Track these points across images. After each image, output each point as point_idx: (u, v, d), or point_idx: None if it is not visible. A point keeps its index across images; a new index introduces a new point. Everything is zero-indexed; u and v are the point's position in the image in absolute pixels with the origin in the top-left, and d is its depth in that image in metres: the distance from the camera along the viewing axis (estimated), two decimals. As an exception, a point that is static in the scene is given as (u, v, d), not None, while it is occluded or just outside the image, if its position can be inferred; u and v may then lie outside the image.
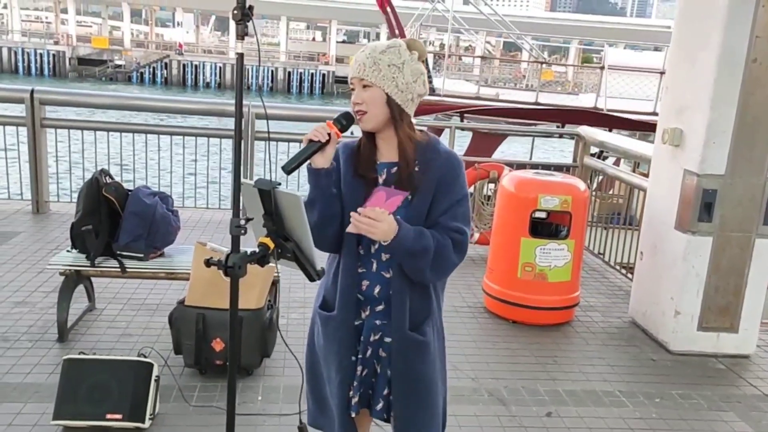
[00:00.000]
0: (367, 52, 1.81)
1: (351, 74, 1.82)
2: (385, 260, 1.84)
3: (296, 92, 47.34)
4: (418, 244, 1.73)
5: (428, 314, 1.90)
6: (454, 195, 1.82)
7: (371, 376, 1.93)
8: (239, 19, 1.49)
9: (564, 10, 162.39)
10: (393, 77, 1.78)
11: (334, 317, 1.89)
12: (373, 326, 1.89)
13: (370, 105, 1.78)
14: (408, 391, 1.89)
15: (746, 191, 3.80)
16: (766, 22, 3.57)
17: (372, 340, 1.90)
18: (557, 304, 4.27)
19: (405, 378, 1.88)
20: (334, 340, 1.91)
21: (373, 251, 1.84)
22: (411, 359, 1.88)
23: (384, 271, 1.85)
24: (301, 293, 4.39)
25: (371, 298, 1.87)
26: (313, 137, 1.73)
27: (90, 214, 3.56)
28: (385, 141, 1.85)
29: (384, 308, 1.87)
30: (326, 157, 1.76)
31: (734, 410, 3.38)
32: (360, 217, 1.68)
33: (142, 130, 6.15)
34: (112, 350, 3.52)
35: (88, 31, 59.09)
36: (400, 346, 1.86)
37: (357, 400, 1.92)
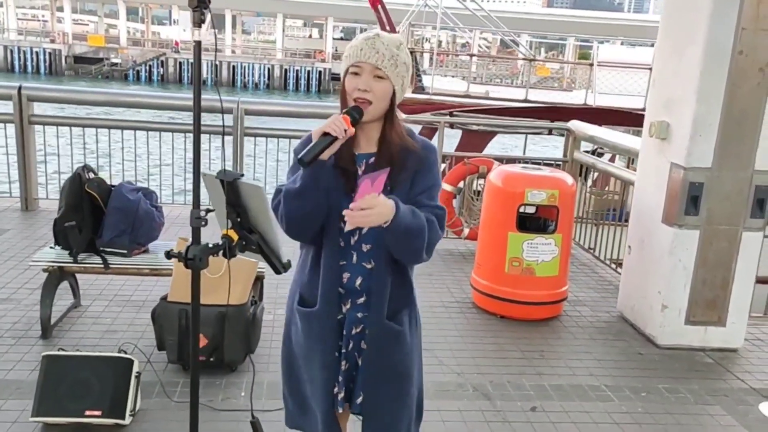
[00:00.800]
0: (384, 42, 1.76)
1: (364, 58, 1.74)
2: (366, 251, 1.82)
3: (293, 90, 47.28)
4: (416, 220, 1.73)
5: (406, 304, 1.90)
6: (431, 179, 1.84)
7: (353, 369, 1.91)
8: (195, 5, 1.47)
9: (561, 7, 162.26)
10: (402, 76, 1.79)
11: (317, 312, 1.86)
12: (355, 319, 1.87)
13: (377, 96, 1.76)
14: (380, 380, 1.88)
15: (733, 184, 3.78)
16: (752, 14, 3.55)
17: (354, 333, 1.88)
18: (545, 299, 4.26)
19: (378, 367, 1.87)
20: (317, 336, 1.87)
21: (353, 243, 1.82)
22: (386, 348, 1.86)
23: (365, 262, 1.83)
24: (287, 290, 4.35)
25: (352, 291, 1.85)
26: (330, 131, 1.68)
27: (73, 210, 3.53)
28: (365, 132, 1.82)
29: (365, 300, 1.85)
30: (332, 151, 1.72)
31: (721, 404, 3.37)
32: (353, 213, 1.65)
33: (131, 126, 6.11)
34: (96, 347, 3.50)
35: (85, 30, 58.91)
36: (377, 335, 1.85)
37: (342, 395, 1.90)
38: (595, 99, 10.32)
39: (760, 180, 3.79)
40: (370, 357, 1.86)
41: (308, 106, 7.63)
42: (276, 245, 1.61)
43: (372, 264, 1.82)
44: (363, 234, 1.81)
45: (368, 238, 1.81)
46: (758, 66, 3.63)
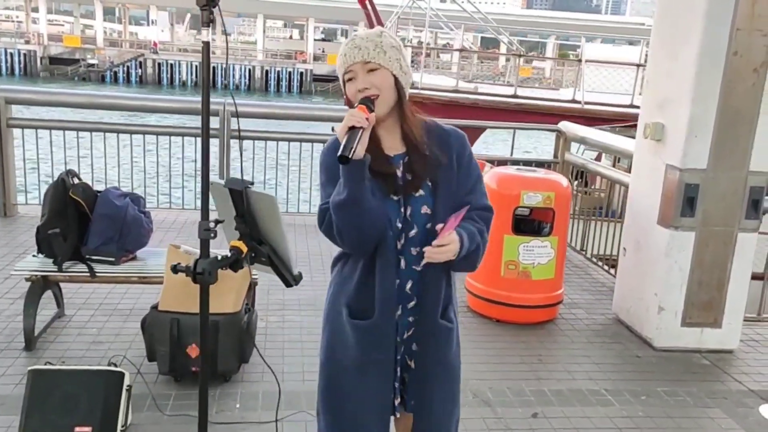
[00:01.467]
0: (362, 36, 1.74)
1: (350, 60, 1.72)
2: (415, 254, 1.79)
3: (274, 91, 46.99)
4: (473, 243, 1.74)
5: (450, 300, 1.89)
6: (474, 171, 1.82)
7: (404, 371, 1.89)
8: (204, 4, 1.38)
9: (540, 8, 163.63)
10: (397, 58, 1.74)
11: (376, 323, 1.79)
12: (407, 324, 1.85)
13: (380, 87, 1.71)
14: (434, 379, 1.86)
15: (728, 185, 3.77)
16: (747, 15, 3.55)
17: (405, 337, 1.86)
18: (541, 302, 4.22)
19: (433, 366, 1.86)
20: (376, 347, 1.82)
21: (400, 247, 1.79)
22: (440, 347, 1.86)
23: (415, 265, 1.80)
24: (280, 295, 4.28)
25: (404, 296, 1.83)
26: (354, 123, 1.62)
27: (57, 217, 3.41)
28: (387, 131, 1.78)
29: (416, 303, 1.83)
30: (363, 145, 1.64)
31: (720, 406, 3.35)
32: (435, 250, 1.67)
33: (113, 129, 5.98)
34: (82, 358, 3.38)
35: (60, 30, 58.02)
36: (431, 336, 1.84)
37: (399, 401, 1.89)
38: (583, 96, 10.33)
39: (755, 181, 3.78)
40: (424, 358, 1.84)
41: (296, 107, 7.54)
42: (287, 257, 1.53)
43: (421, 267, 1.79)
44: (410, 237, 1.77)
45: (416, 242, 1.77)
46: (753, 66, 3.62)
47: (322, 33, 66.55)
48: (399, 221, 1.76)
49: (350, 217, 1.65)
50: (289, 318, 4.06)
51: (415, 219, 1.75)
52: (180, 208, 6.38)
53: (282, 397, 3.08)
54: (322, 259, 5.07)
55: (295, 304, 4.21)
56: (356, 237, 1.69)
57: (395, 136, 1.78)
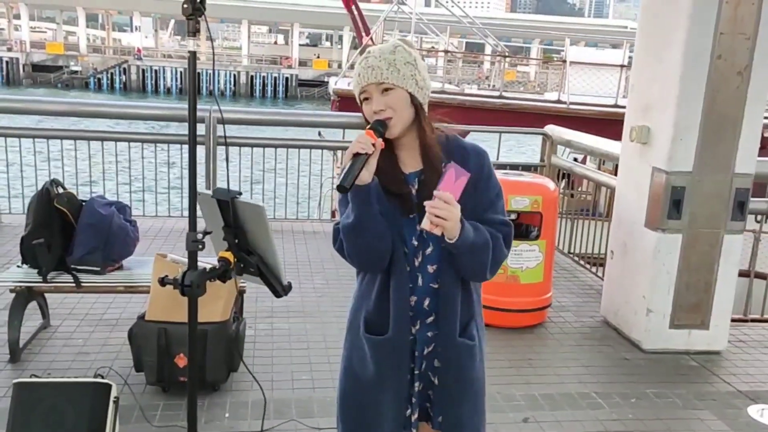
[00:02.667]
0: (376, 55, 1.70)
1: (365, 81, 1.69)
2: (432, 272, 1.77)
3: (259, 96, 46.89)
4: (480, 237, 1.68)
5: (473, 315, 1.85)
6: (493, 189, 1.77)
7: (428, 388, 1.87)
8: (190, 13, 1.36)
9: (524, 12, 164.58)
10: (412, 75, 1.70)
11: (390, 339, 1.79)
12: (426, 339, 1.82)
13: (396, 108, 1.68)
14: (459, 398, 1.84)
15: (714, 187, 3.80)
16: (730, 18, 3.58)
17: (426, 353, 1.84)
18: (530, 306, 4.22)
19: (456, 384, 1.83)
20: (391, 363, 1.81)
21: (418, 265, 1.77)
22: (462, 366, 1.83)
23: (432, 283, 1.78)
24: (269, 303, 4.24)
25: (421, 312, 1.80)
26: (359, 150, 1.60)
27: (41, 227, 3.37)
28: (405, 148, 1.76)
29: (434, 318, 1.81)
30: (370, 170, 1.63)
31: (709, 408, 3.37)
32: (437, 203, 1.57)
33: (98, 137, 5.91)
34: (68, 369, 3.34)
35: (43, 37, 57.58)
36: (452, 353, 1.81)
37: (416, 416, 1.86)
38: (568, 97, 10.38)
39: (741, 183, 3.81)
40: (446, 376, 1.82)
41: (282, 113, 7.51)
42: (276, 267, 1.51)
43: (438, 284, 1.77)
44: (427, 255, 1.76)
45: (432, 259, 1.76)
46: (737, 70, 3.66)
47: (307, 38, 66.54)
48: (415, 239, 1.75)
49: (359, 241, 1.67)
50: (278, 326, 4.03)
51: (431, 237, 1.73)
52: (166, 216, 6.33)
53: (271, 405, 3.07)
54: (311, 266, 5.04)
55: (283, 312, 4.19)
56: (365, 259, 1.71)
57: (414, 152, 1.75)
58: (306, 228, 6.18)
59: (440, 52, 21.10)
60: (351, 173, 1.57)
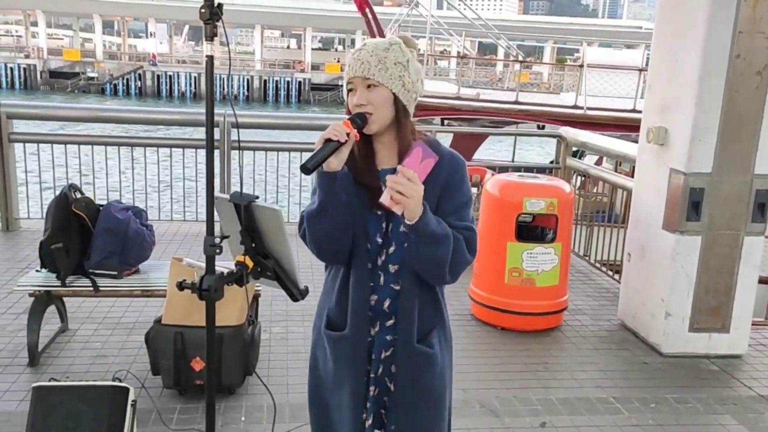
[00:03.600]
0: (369, 49, 1.69)
1: (352, 73, 1.69)
2: (394, 272, 1.75)
3: (272, 100, 47.06)
4: (440, 228, 1.65)
5: (435, 324, 1.82)
6: (460, 197, 1.75)
7: (384, 394, 1.83)
8: (207, 18, 1.37)
9: (536, 13, 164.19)
10: (400, 76, 1.69)
11: (347, 336, 1.78)
12: (384, 342, 1.79)
13: (376, 105, 1.68)
14: (414, 406, 1.80)
15: (733, 189, 3.75)
16: (749, 17, 3.54)
17: (383, 357, 1.80)
18: (546, 309, 4.19)
19: (411, 392, 1.79)
20: (346, 361, 1.79)
21: (380, 263, 1.75)
22: (418, 373, 1.79)
23: (393, 284, 1.75)
24: (283, 306, 4.25)
25: (381, 313, 1.78)
26: (331, 136, 1.60)
27: (60, 232, 3.40)
28: (384, 145, 1.75)
29: (394, 322, 1.78)
30: (340, 159, 1.63)
31: (731, 413, 3.32)
32: (398, 178, 1.54)
33: (114, 142, 5.97)
34: (86, 373, 3.36)
35: (60, 44, 58.24)
36: (408, 359, 1.77)
37: (371, 422, 1.82)
38: (585, 102, 10.26)
39: (761, 184, 3.76)
40: (402, 382, 1.78)
41: (297, 117, 7.53)
42: (293, 271, 1.51)
43: (400, 285, 1.74)
44: (390, 254, 1.74)
45: (395, 258, 1.74)
46: (756, 69, 3.61)
47: (319, 42, 66.76)
48: (379, 236, 1.73)
49: (320, 228, 1.65)
50: (293, 329, 4.03)
51: (394, 236, 1.72)
52: (181, 220, 6.37)
53: (287, 409, 3.06)
54: (326, 269, 5.04)
55: (298, 315, 4.19)
56: (323, 247, 1.69)
57: (392, 151, 1.74)
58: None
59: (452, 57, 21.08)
60: (317, 157, 1.57)
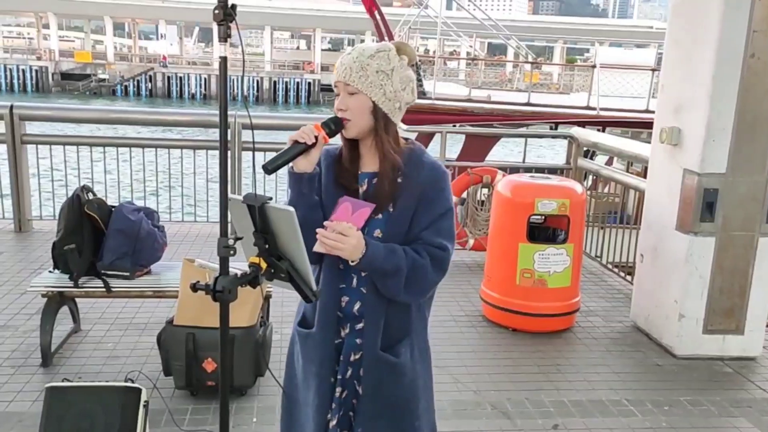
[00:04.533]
0: (354, 55, 1.68)
1: (335, 77, 1.69)
2: (365, 275, 1.73)
3: (282, 101, 47.19)
4: (389, 263, 1.64)
5: (406, 334, 1.79)
6: (437, 209, 1.71)
7: (352, 397, 1.81)
8: (221, 19, 1.37)
9: (546, 14, 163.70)
10: (381, 84, 1.66)
11: (313, 335, 1.79)
12: (354, 345, 1.78)
13: (354, 113, 1.67)
14: (377, 414, 1.78)
15: (748, 189, 3.71)
16: (763, 16, 3.50)
17: (352, 360, 1.79)
18: (558, 311, 4.17)
19: (375, 399, 1.77)
20: (313, 359, 1.80)
21: (353, 265, 1.72)
22: (382, 381, 1.77)
23: (363, 287, 1.74)
24: (294, 307, 4.21)
25: (350, 316, 1.77)
26: (298, 138, 1.62)
27: (72, 233, 3.42)
28: (369, 149, 1.74)
29: (364, 326, 1.76)
30: (310, 160, 1.65)
31: (745, 416, 3.29)
32: (327, 233, 1.58)
33: (126, 143, 5.99)
34: (99, 373, 3.37)
35: (71, 46, 58.70)
36: (371, 365, 1.75)
37: (335, 423, 1.80)
38: (598, 102, 10.18)
39: (776, 184, 3.72)
40: (366, 388, 1.78)
41: (308, 119, 7.53)
42: (306, 272, 1.51)
43: (366, 290, 1.74)
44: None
45: None
46: (771, 69, 3.57)
47: (329, 43, 66.87)
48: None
49: None
50: (305, 330, 4.02)
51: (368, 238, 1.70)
52: (192, 221, 6.39)
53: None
54: (336, 269, 5.04)
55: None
56: None
57: (375, 155, 1.72)
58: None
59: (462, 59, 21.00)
60: (280, 158, 1.60)
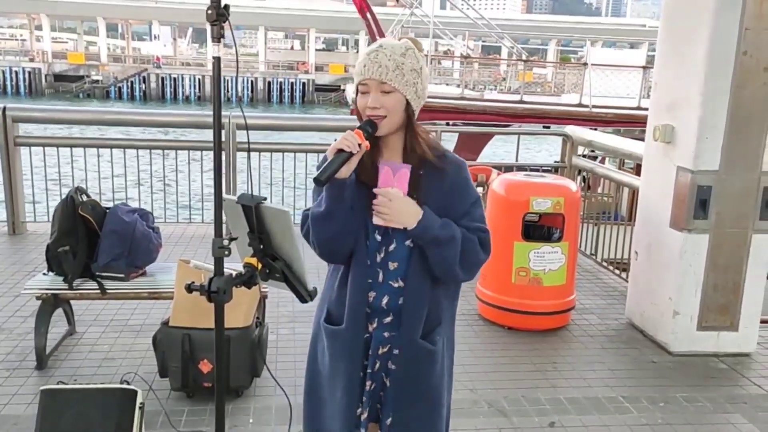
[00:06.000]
0: (387, 53, 1.69)
1: (368, 74, 1.68)
2: (393, 269, 1.77)
3: (276, 102, 47.12)
4: (445, 231, 1.69)
5: (439, 323, 1.84)
6: (469, 198, 1.79)
7: (379, 389, 1.86)
8: (214, 19, 1.36)
9: (540, 12, 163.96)
10: (414, 83, 1.71)
11: (343, 332, 1.80)
12: (382, 339, 1.82)
13: (390, 110, 1.70)
14: (410, 402, 1.82)
15: (741, 186, 3.73)
16: (755, 14, 3.51)
17: (380, 353, 1.83)
18: (553, 309, 4.17)
19: (409, 387, 1.81)
20: (342, 356, 1.82)
21: (379, 260, 1.77)
22: (418, 369, 1.81)
23: (392, 281, 1.77)
24: (290, 307, 4.25)
25: (379, 310, 1.80)
26: (344, 147, 1.62)
27: (66, 235, 3.40)
28: (387, 144, 1.77)
29: (392, 319, 1.80)
30: (350, 167, 1.66)
31: (740, 411, 3.30)
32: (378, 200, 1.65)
33: (120, 145, 5.97)
34: (94, 376, 3.36)
35: (64, 48, 58.52)
36: (409, 354, 1.79)
37: (366, 416, 1.85)
38: (590, 100, 10.21)
39: (768, 181, 3.74)
40: (400, 377, 1.80)
41: (303, 118, 7.53)
42: (301, 272, 1.51)
43: (400, 282, 1.76)
44: (390, 252, 1.76)
45: (395, 256, 1.76)
46: (763, 66, 3.59)
47: (323, 43, 66.84)
48: (378, 234, 1.75)
49: (325, 231, 1.67)
50: (300, 330, 4.03)
51: (395, 234, 1.74)
52: (187, 222, 6.38)
53: (294, 410, 3.05)
54: (332, 269, 5.04)
55: (305, 316, 4.18)
56: (328, 248, 1.72)
57: (396, 151, 1.76)
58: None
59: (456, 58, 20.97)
60: (329, 169, 1.59)
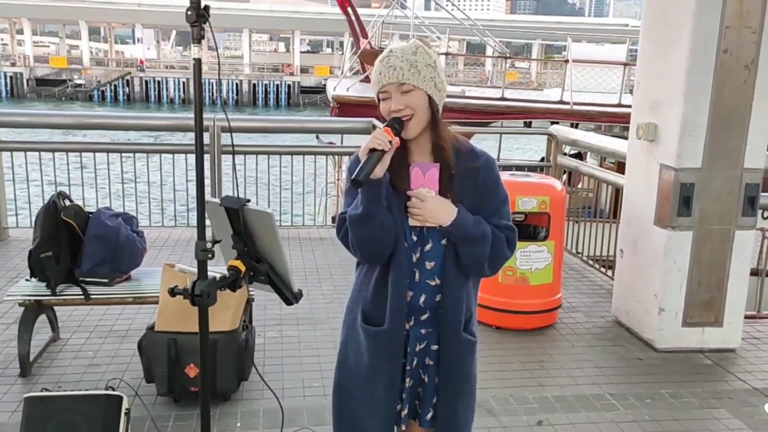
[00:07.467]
0: (398, 55, 1.73)
1: (385, 80, 1.73)
2: (430, 268, 1.81)
3: (262, 104, 46.97)
4: (478, 229, 1.74)
5: (471, 315, 1.91)
6: (499, 196, 1.84)
7: (417, 386, 1.91)
8: (194, 20, 1.35)
9: (524, 13, 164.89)
10: (432, 77, 1.75)
11: (385, 331, 1.83)
12: (419, 336, 1.87)
13: (415, 108, 1.73)
14: (456, 392, 1.89)
15: (724, 183, 3.76)
16: (736, 12, 3.55)
17: (418, 350, 1.87)
18: (540, 308, 4.19)
19: (454, 379, 1.87)
20: (384, 355, 1.85)
21: (416, 260, 1.81)
22: (463, 360, 1.88)
23: (429, 280, 1.82)
24: (277, 310, 4.23)
25: (416, 308, 1.84)
26: (376, 146, 1.66)
27: (49, 240, 3.36)
28: (418, 144, 1.80)
29: (429, 316, 1.85)
30: (384, 166, 1.69)
31: (726, 407, 3.33)
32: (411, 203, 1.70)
33: (103, 149, 5.92)
34: (79, 382, 3.32)
35: (46, 51, 57.90)
36: (453, 348, 1.85)
37: (406, 412, 1.90)
38: (572, 97, 10.26)
39: (750, 178, 3.78)
40: (447, 371, 1.86)
41: (288, 120, 7.51)
42: (286, 274, 1.50)
43: (436, 281, 1.81)
44: (425, 251, 1.80)
45: (431, 256, 1.80)
46: (743, 64, 3.63)
47: (308, 45, 66.71)
48: (414, 234, 1.79)
49: (364, 232, 1.70)
50: (287, 333, 4.01)
51: (431, 234, 1.78)
52: (172, 226, 6.33)
53: (282, 413, 3.04)
54: (318, 272, 5.02)
55: (292, 319, 4.17)
56: (369, 250, 1.75)
57: (425, 150, 1.80)
58: (312, 234, 6.16)
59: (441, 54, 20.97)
60: (365, 168, 1.61)
